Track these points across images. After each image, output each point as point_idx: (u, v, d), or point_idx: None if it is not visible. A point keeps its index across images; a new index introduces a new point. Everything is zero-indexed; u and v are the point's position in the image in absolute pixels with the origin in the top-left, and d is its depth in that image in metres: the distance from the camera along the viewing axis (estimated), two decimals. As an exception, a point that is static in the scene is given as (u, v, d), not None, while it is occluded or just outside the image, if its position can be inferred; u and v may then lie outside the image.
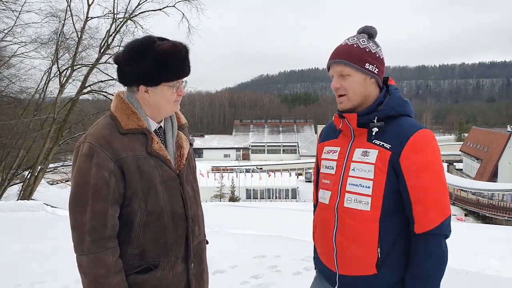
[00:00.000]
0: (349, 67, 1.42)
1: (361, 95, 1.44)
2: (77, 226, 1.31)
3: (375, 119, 1.41)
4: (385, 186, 1.37)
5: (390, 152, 1.37)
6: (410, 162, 1.35)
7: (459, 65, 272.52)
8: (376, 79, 1.46)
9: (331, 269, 1.50)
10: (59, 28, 15.28)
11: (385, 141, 1.39)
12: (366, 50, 1.43)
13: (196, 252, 1.51)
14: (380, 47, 1.48)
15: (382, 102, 1.45)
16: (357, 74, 1.43)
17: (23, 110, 15.11)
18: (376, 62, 1.44)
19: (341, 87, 1.45)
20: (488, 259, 5.54)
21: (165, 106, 1.42)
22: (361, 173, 1.40)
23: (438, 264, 1.36)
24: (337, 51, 1.47)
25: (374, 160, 1.38)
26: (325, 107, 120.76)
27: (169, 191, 1.41)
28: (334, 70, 1.47)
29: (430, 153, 1.36)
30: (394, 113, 1.42)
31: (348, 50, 1.44)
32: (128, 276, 1.35)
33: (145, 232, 1.37)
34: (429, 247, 1.35)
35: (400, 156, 1.36)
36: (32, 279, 3.90)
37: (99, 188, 1.30)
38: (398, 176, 1.37)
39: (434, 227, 1.34)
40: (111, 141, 1.33)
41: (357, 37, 1.47)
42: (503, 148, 47.32)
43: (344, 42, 1.48)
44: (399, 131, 1.38)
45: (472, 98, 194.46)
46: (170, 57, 1.35)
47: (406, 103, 1.46)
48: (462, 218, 34.00)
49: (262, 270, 4.27)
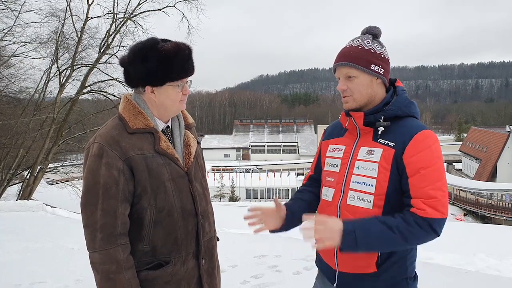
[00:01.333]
0: (355, 69, 1.43)
1: (367, 96, 1.46)
2: (89, 224, 1.33)
3: (381, 119, 1.42)
4: (388, 185, 1.37)
5: (394, 150, 1.38)
6: (413, 160, 1.35)
7: (458, 65, 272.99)
8: (382, 79, 1.47)
9: (331, 266, 1.50)
10: (59, 27, 15.31)
11: (390, 140, 1.40)
12: (371, 51, 1.44)
13: (207, 248, 1.53)
14: (385, 47, 1.49)
15: (389, 102, 1.46)
16: (363, 76, 1.44)
17: (22, 110, 15.11)
18: (381, 63, 1.45)
19: (347, 89, 1.46)
20: (488, 259, 5.54)
21: (171, 105, 1.45)
22: (365, 171, 1.41)
23: (406, 234, 1.29)
24: (342, 53, 1.47)
25: (379, 159, 1.39)
26: (325, 107, 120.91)
27: (178, 188, 1.43)
28: (340, 72, 1.47)
29: (434, 152, 1.37)
30: (400, 114, 1.43)
31: (353, 52, 1.44)
32: (140, 272, 1.37)
33: (156, 229, 1.39)
34: (411, 218, 1.30)
35: (404, 154, 1.36)
36: (32, 279, 3.90)
37: (108, 186, 1.33)
38: (400, 173, 1.37)
39: (429, 217, 1.30)
40: (119, 140, 1.36)
41: (362, 38, 1.48)
42: (502, 148, 47.37)
43: (349, 44, 1.48)
44: (404, 130, 1.40)
45: (471, 98, 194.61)
46: (173, 57, 1.38)
47: (412, 105, 1.47)
48: (461, 218, 34.03)
49: (262, 270, 4.28)
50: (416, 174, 1.34)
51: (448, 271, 4.38)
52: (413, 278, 1.47)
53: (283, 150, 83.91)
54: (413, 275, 1.47)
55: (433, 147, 1.37)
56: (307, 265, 4.36)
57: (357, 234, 1.30)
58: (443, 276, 4.18)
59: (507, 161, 46.84)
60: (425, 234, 1.31)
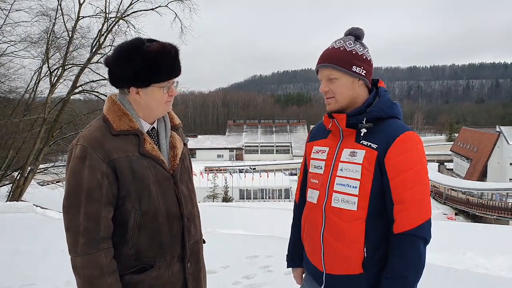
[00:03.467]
0: (336, 70, 1.44)
1: (349, 97, 1.46)
2: (71, 228, 1.31)
3: (363, 120, 1.43)
4: (371, 186, 1.38)
5: (376, 152, 1.39)
6: (394, 162, 1.36)
7: (449, 66, 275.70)
8: (364, 81, 1.47)
9: (318, 268, 1.51)
10: (49, 27, 15.11)
11: (372, 141, 1.41)
12: (353, 52, 1.45)
13: (193, 251, 1.51)
14: (367, 49, 1.49)
15: (371, 103, 1.46)
16: (344, 77, 1.45)
17: (12, 110, 14.90)
18: (363, 64, 1.45)
19: (329, 90, 1.47)
20: (476, 258, 5.62)
21: (156, 107, 1.43)
22: (348, 173, 1.41)
23: (412, 267, 1.34)
24: (324, 55, 1.48)
25: (361, 161, 1.40)
26: (318, 108, 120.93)
27: (163, 191, 1.41)
28: (322, 74, 1.48)
29: (415, 155, 1.38)
30: (382, 115, 1.44)
31: (335, 53, 1.45)
32: (123, 276, 1.35)
33: (140, 232, 1.37)
34: (405, 248, 1.34)
35: (386, 156, 1.37)
36: (21, 281, 3.86)
37: (92, 189, 1.30)
38: (382, 175, 1.38)
39: (413, 227, 1.34)
40: (103, 142, 1.33)
41: (344, 39, 1.48)
42: (492, 148, 48.00)
43: (331, 45, 1.49)
44: (386, 132, 1.40)
45: (462, 99, 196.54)
46: (159, 58, 1.35)
47: (395, 105, 1.48)
48: (452, 217, 34.38)
49: (254, 270, 4.28)
50: (397, 177, 1.36)
51: (437, 269, 4.43)
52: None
53: (277, 150, 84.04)
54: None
55: (415, 149, 1.39)
56: (299, 265, 4.37)
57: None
58: (432, 275, 4.22)
59: (497, 161, 47.47)
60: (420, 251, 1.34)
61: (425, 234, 1.36)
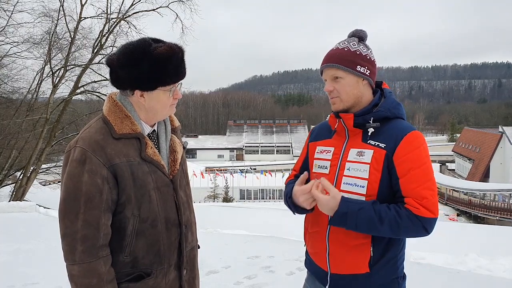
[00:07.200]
0: (341, 70, 1.46)
1: (354, 96, 1.48)
2: (68, 234, 1.25)
3: (371, 120, 1.44)
4: (379, 185, 1.39)
5: (385, 151, 1.40)
6: (403, 160, 1.38)
7: (451, 66, 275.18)
8: (368, 80, 1.49)
9: (323, 268, 1.52)
10: (52, 28, 15.20)
11: (380, 141, 1.42)
12: (357, 53, 1.47)
13: (189, 258, 1.49)
14: (371, 49, 1.51)
15: (377, 104, 1.48)
16: (349, 77, 1.46)
17: (15, 110, 14.99)
18: (367, 64, 1.47)
19: (334, 90, 1.48)
20: (479, 259, 5.61)
21: (161, 110, 1.38)
22: (356, 172, 1.42)
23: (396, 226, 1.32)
24: (328, 56, 1.50)
25: (370, 160, 1.41)
26: (318, 108, 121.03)
27: (163, 197, 1.37)
28: (327, 74, 1.50)
29: (423, 153, 1.40)
30: (389, 115, 1.46)
31: (339, 53, 1.47)
32: (119, 285, 1.31)
33: (138, 240, 1.33)
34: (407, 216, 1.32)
35: (394, 154, 1.39)
36: (25, 280, 3.87)
37: (92, 195, 1.24)
38: (391, 173, 1.39)
39: (422, 216, 1.33)
40: (104, 146, 1.28)
41: (348, 40, 1.50)
42: (495, 149, 47.79)
43: (335, 46, 1.51)
44: (394, 132, 1.42)
45: (464, 99, 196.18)
46: (167, 61, 1.30)
47: (400, 106, 1.50)
48: (454, 218, 34.29)
49: (255, 270, 4.29)
50: (407, 175, 1.37)
51: (440, 271, 4.43)
52: (402, 277, 1.50)
53: (277, 150, 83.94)
54: (402, 275, 1.50)
55: (422, 147, 1.40)
56: (300, 266, 4.38)
57: (348, 218, 1.35)
58: (435, 276, 4.22)
59: (499, 161, 47.28)
60: (415, 230, 1.34)
61: (428, 226, 1.34)
